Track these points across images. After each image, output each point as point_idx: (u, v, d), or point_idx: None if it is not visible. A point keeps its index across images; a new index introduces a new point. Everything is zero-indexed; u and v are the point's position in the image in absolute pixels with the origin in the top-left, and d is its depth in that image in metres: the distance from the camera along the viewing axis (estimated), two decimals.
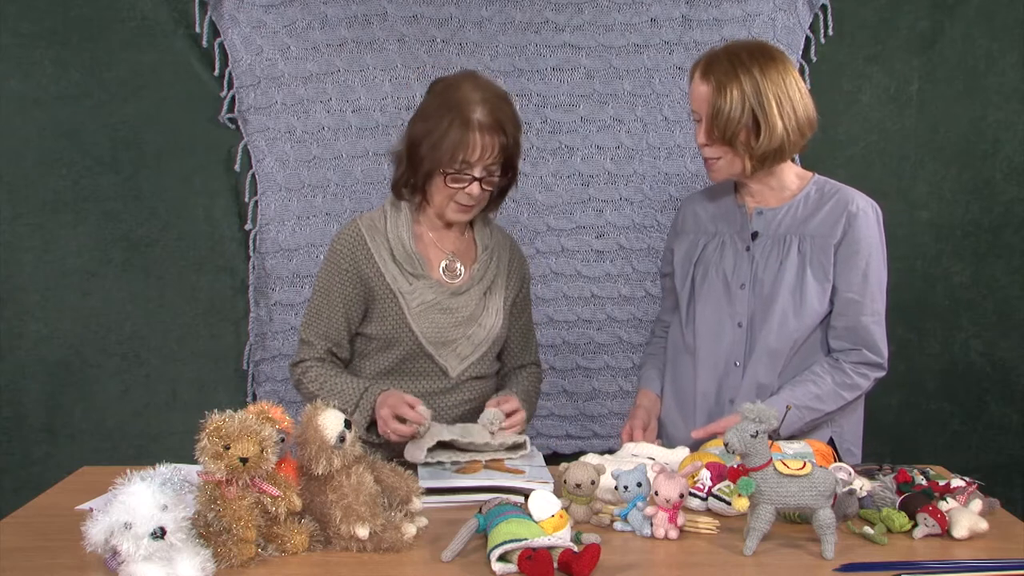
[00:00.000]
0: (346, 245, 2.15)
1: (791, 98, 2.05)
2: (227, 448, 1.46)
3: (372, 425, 2.06)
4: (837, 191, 2.13)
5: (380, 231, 2.15)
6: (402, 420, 1.99)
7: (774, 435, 1.98)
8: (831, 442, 2.12)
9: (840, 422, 2.14)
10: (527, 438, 2.05)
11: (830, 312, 2.10)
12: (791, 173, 2.17)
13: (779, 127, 2.03)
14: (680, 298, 2.26)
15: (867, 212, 2.10)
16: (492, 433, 2.03)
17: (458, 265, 2.19)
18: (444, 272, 2.17)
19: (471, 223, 2.24)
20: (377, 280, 2.13)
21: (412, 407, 1.99)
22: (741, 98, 2.02)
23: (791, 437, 2.05)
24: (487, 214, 2.26)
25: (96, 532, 1.39)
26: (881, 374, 2.11)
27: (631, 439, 2.16)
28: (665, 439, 2.22)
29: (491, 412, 2.07)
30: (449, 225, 2.19)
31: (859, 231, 2.07)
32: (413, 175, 2.11)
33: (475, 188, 2.07)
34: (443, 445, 1.97)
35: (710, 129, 2.07)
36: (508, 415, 2.07)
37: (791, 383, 2.08)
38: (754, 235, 2.15)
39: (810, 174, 2.19)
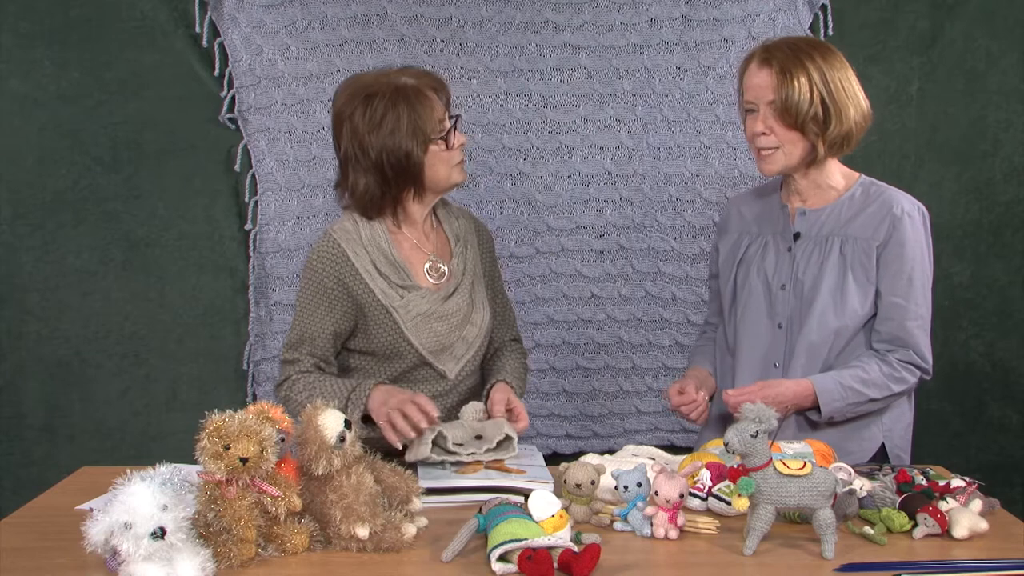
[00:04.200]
0: (328, 263, 2.09)
1: (853, 86, 2.07)
2: (227, 448, 1.46)
3: (366, 419, 2.01)
4: (882, 193, 2.12)
5: (358, 242, 2.11)
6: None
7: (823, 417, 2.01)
8: (882, 445, 2.11)
9: (890, 425, 2.13)
10: (508, 430, 2.01)
11: (873, 316, 2.08)
12: (837, 172, 2.16)
13: (850, 111, 2.05)
14: (723, 298, 2.26)
15: (913, 215, 2.08)
16: (476, 421, 2.02)
17: (441, 264, 2.18)
18: (429, 273, 2.16)
19: (436, 215, 2.22)
20: (366, 296, 2.09)
21: (422, 409, 1.95)
22: (808, 83, 2.02)
23: (842, 422, 2.06)
24: (444, 199, 2.24)
25: (96, 532, 1.39)
26: (926, 377, 2.10)
27: (679, 392, 2.14)
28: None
29: (473, 404, 2.07)
30: (436, 210, 2.19)
31: (904, 234, 2.06)
32: (395, 184, 2.08)
33: (459, 136, 2.11)
34: (436, 442, 1.96)
35: (778, 116, 2.05)
36: (508, 409, 2.07)
37: (838, 368, 2.07)
38: (796, 236, 2.15)
39: (857, 175, 2.18)
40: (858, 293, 2.07)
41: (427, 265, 2.16)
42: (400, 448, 1.96)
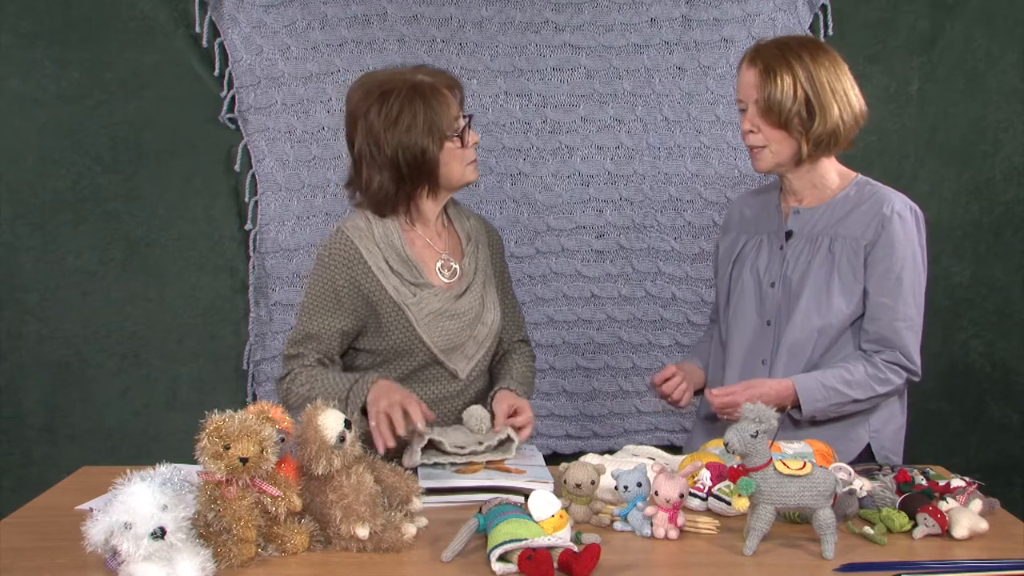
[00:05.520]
0: (340, 260, 2.09)
1: (843, 86, 2.06)
2: (227, 448, 1.47)
3: (366, 413, 2.00)
4: (875, 192, 2.12)
5: (371, 239, 2.10)
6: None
7: (800, 415, 2.03)
8: (868, 447, 2.11)
9: (878, 427, 2.13)
10: (510, 431, 2.01)
11: (862, 316, 2.09)
12: (833, 171, 2.16)
13: (835, 111, 2.04)
14: (719, 295, 2.29)
15: (904, 215, 2.08)
16: (476, 432, 2.02)
17: (453, 263, 2.18)
18: (441, 272, 2.16)
19: (447, 214, 2.23)
20: (379, 294, 2.09)
21: (408, 414, 1.95)
22: (793, 82, 2.03)
23: (826, 422, 2.06)
24: (453, 198, 2.24)
25: (96, 532, 1.39)
26: (914, 379, 2.10)
27: (660, 375, 2.17)
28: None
29: (476, 410, 2.06)
30: (446, 211, 2.20)
31: (893, 235, 2.06)
32: (410, 181, 2.08)
33: (473, 135, 2.12)
34: (432, 444, 1.96)
35: (762, 114, 2.06)
36: (510, 415, 2.06)
37: (823, 368, 2.08)
38: (788, 234, 2.15)
39: (853, 174, 2.18)
40: (843, 292, 2.07)
41: (439, 263, 2.16)
42: (382, 453, 1.94)
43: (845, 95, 2.06)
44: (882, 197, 2.11)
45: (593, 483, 1.69)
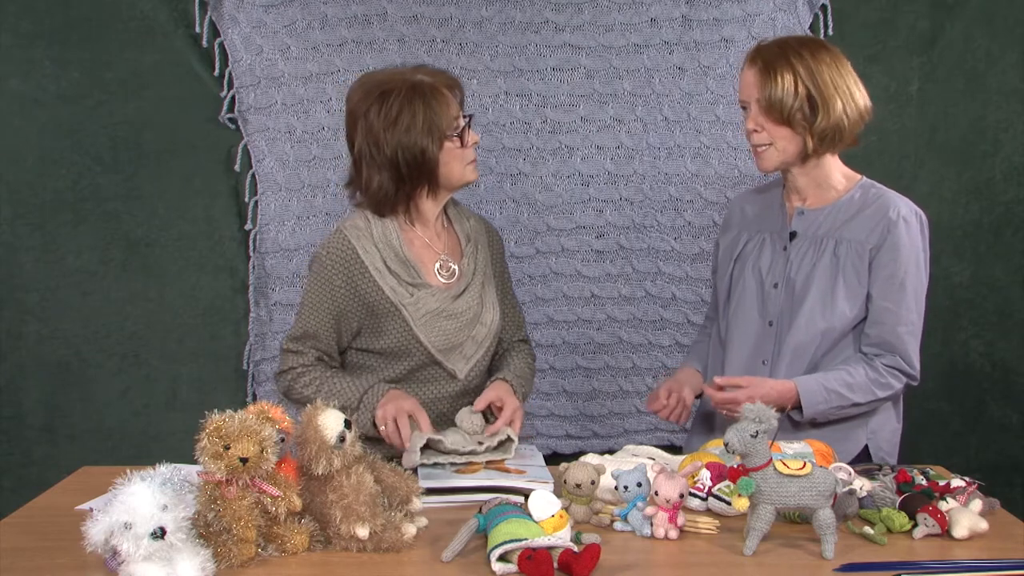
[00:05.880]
0: (337, 260, 2.09)
1: (846, 81, 2.06)
2: (227, 448, 1.46)
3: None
4: (880, 196, 2.12)
5: (369, 239, 2.10)
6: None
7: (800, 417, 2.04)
8: (866, 448, 2.12)
9: (875, 428, 2.13)
10: (510, 432, 2.02)
11: (863, 319, 2.09)
12: (838, 172, 2.16)
13: (838, 105, 2.04)
14: (719, 293, 2.28)
15: (909, 220, 2.08)
16: (472, 434, 2.02)
17: (452, 264, 2.18)
18: (440, 272, 2.16)
19: (447, 215, 2.23)
20: (376, 295, 2.09)
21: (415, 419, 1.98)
22: (793, 79, 2.03)
23: (825, 423, 2.06)
24: (453, 198, 2.25)
25: (96, 532, 1.39)
26: (912, 383, 2.11)
27: (654, 403, 2.20)
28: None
29: (468, 410, 2.06)
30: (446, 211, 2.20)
31: (898, 239, 2.06)
32: (410, 181, 2.08)
33: (473, 135, 2.12)
34: (431, 444, 1.96)
35: (764, 113, 2.06)
36: (498, 409, 2.06)
37: (824, 370, 2.08)
38: (792, 235, 2.15)
39: (858, 176, 2.18)
40: (848, 295, 2.07)
41: (438, 264, 2.16)
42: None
43: (848, 90, 2.06)
44: (887, 201, 2.10)
45: (593, 483, 1.69)
